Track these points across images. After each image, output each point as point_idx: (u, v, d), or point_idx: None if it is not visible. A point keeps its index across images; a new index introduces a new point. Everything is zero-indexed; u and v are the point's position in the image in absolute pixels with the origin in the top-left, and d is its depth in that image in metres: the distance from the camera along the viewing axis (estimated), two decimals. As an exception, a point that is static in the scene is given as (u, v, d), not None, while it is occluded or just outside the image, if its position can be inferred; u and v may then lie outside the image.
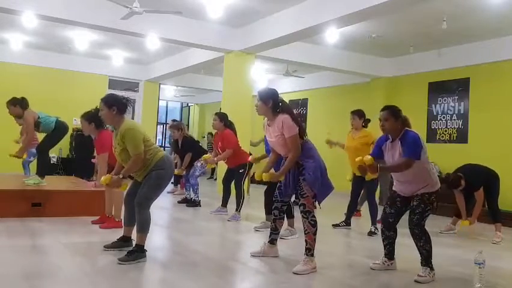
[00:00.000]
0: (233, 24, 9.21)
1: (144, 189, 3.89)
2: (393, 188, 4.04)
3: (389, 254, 4.12)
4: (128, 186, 4.21)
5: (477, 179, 5.97)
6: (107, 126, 5.30)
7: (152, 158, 3.92)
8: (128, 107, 4.05)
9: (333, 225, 6.32)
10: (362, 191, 6.81)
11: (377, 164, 3.86)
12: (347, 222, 6.31)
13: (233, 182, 6.72)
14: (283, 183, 4.13)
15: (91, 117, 5.07)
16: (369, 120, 6.21)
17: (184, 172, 8.08)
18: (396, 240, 4.13)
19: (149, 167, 3.91)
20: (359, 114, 6.11)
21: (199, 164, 7.78)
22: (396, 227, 4.07)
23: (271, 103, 4.02)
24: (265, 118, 4.16)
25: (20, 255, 3.95)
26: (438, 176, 3.91)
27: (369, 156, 3.85)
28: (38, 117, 6.14)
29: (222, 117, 6.70)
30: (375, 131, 5.11)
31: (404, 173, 3.81)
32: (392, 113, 3.84)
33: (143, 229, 3.90)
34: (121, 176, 3.94)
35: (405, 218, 3.90)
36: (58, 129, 6.28)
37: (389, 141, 3.93)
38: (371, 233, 5.81)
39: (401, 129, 3.83)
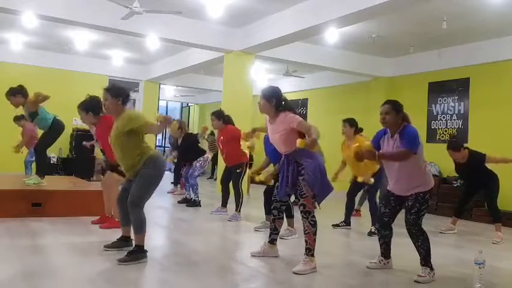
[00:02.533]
0: (233, 24, 9.21)
1: (135, 189, 3.87)
2: (387, 188, 4.04)
3: (385, 253, 4.12)
4: (121, 185, 4.21)
5: (481, 155, 6.00)
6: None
7: (143, 154, 3.90)
8: (130, 98, 4.11)
9: (333, 225, 6.32)
10: (362, 191, 6.82)
11: (375, 152, 3.89)
12: (347, 222, 6.31)
13: (231, 182, 6.72)
14: (281, 183, 4.13)
15: (87, 106, 5.03)
16: (361, 129, 6.09)
17: (174, 159, 8.09)
18: (393, 240, 4.14)
19: (139, 163, 3.89)
20: (350, 122, 6.00)
21: (198, 164, 7.78)
22: (391, 226, 4.08)
23: (275, 101, 4.03)
24: (267, 116, 4.18)
25: (20, 255, 3.95)
26: (437, 175, 3.96)
27: (368, 142, 4.00)
28: (37, 110, 6.07)
29: (219, 115, 6.69)
30: (374, 130, 5.06)
31: (398, 170, 3.83)
32: (394, 107, 3.86)
33: (139, 229, 3.88)
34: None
35: (403, 217, 3.90)
36: (54, 128, 6.22)
37: (387, 136, 3.93)
38: (371, 233, 5.80)
39: (401, 124, 3.84)
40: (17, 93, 5.99)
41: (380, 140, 3.99)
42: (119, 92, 3.98)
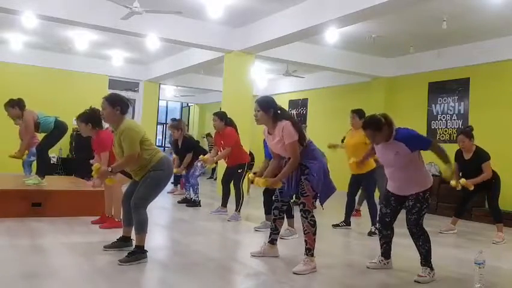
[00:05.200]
0: (233, 24, 9.21)
1: (141, 190, 3.88)
2: (387, 188, 4.04)
3: (386, 253, 4.12)
4: (127, 185, 4.21)
5: (486, 153, 5.98)
6: (106, 126, 5.30)
7: (150, 159, 3.91)
8: (129, 108, 4.07)
9: (333, 225, 6.31)
10: (361, 191, 6.81)
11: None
12: (347, 222, 6.30)
13: (232, 182, 6.72)
14: (287, 182, 4.12)
15: (87, 118, 5.01)
16: None
17: (184, 172, 8.05)
18: (394, 240, 4.14)
19: (147, 168, 3.90)
20: (359, 114, 6.02)
21: (199, 164, 7.78)
22: (393, 226, 4.08)
23: (272, 112, 4.02)
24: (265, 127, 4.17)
25: (20, 255, 3.95)
26: (437, 175, 3.98)
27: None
28: (38, 118, 6.14)
29: (222, 116, 6.68)
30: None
31: (396, 170, 3.84)
32: (376, 128, 3.76)
33: (141, 230, 3.89)
34: (110, 169, 3.96)
35: (403, 217, 3.90)
36: (57, 129, 6.28)
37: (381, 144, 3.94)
38: (370, 233, 5.80)
39: (391, 132, 3.79)
40: (15, 105, 6.03)
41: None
42: (118, 101, 3.95)
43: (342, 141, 6.60)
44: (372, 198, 6.01)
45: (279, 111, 4.04)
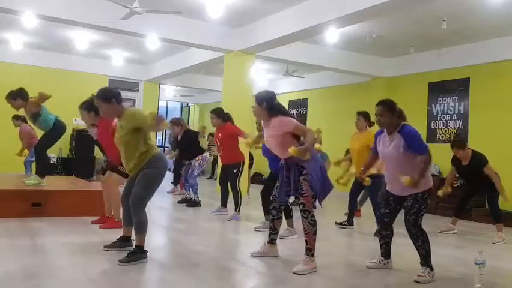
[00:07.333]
0: (233, 24, 9.21)
1: (137, 189, 3.87)
2: (386, 188, 4.04)
3: (386, 253, 4.12)
4: (124, 185, 4.20)
5: (483, 156, 5.97)
6: None
7: (147, 152, 3.89)
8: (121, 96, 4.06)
9: (336, 222, 6.32)
10: (363, 191, 6.81)
11: (416, 179, 3.68)
12: (350, 222, 6.30)
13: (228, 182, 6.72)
14: (280, 186, 4.13)
15: (89, 105, 5.00)
16: (373, 123, 6.13)
17: (172, 157, 8.26)
18: (394, 240, 4.14)
19: (142, 163, 3.89)
20: (364, 115, 6.02)
21: (197, 164, 7.78)
22: (392, 227, 4.08)
23: (265, 104, 4.04)
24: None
25: (20, 255, 3.95)
26: (437, 175, 3.97)
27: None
28: (39, 111, 6.06)
29: (219, 113, 6.69)
30: (374, 130, 5.10)
31: (394, 171, 3.83)
32: (388, 108, 3.85)
33: (141, 230, 3.89)
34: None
35: (403, 218, 3.89)
36: (56, 129, 6.22)
37: (383, 135, 3.94)
38: (377, 233, 5.73)
39: (398, 123, 3.83)
40: (17, 96, 5.99)
41: (376, 142, 4.02)
42: (109, 94, 3.94)
43: (346, 152, 6.57)
44: (376, 199, 5.98)
45: (274, 106, 4.06)
